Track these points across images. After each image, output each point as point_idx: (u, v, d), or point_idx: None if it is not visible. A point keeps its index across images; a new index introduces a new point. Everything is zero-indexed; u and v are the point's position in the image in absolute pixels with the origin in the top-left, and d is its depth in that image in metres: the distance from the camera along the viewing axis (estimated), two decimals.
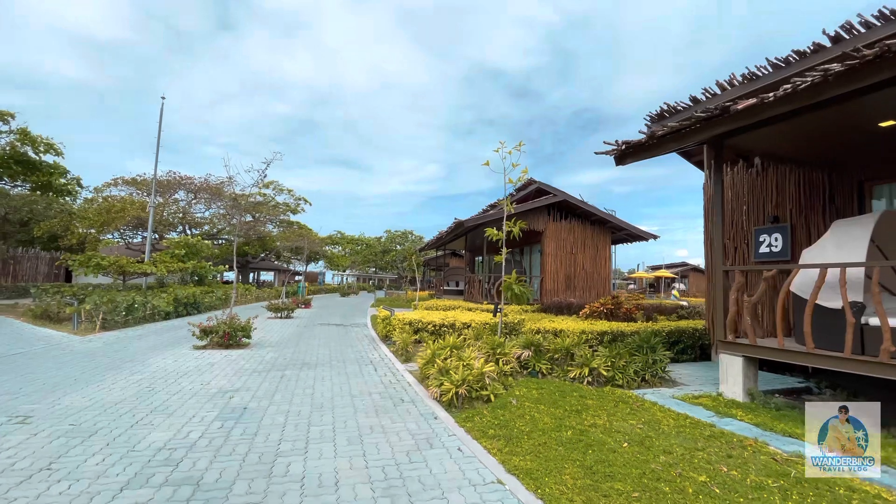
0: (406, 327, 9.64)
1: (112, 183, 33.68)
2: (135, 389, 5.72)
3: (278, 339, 10.86)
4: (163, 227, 34.21)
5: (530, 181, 16.45)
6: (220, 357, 8.17)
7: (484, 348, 6.93)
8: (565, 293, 16.47)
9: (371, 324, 14.89)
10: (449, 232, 16.93)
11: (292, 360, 8.07)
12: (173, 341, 10.06)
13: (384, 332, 10.60)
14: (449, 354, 6.44)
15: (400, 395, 5.65)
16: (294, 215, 45.72)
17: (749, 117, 5.37)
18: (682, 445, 3.90)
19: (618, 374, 6.61)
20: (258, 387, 5.98)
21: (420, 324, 9.72)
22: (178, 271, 22.40)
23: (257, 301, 26.28)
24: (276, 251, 46.55)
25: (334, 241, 63.60)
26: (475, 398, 5.28)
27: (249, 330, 9.57)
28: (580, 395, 5.61)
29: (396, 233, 66.08)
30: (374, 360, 8.16)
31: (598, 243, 17.23)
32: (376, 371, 7.14)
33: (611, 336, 8.41)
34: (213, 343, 9.14)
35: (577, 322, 9.67)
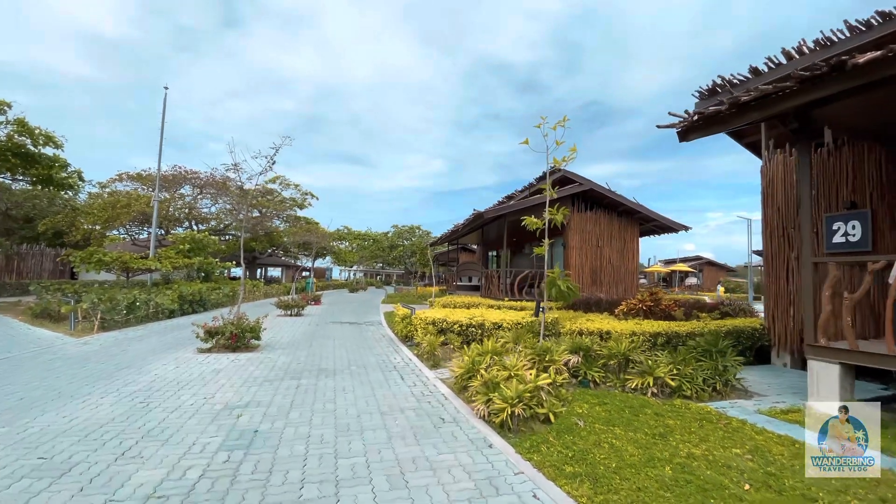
0: (430, 327, 8.75)
1: (117, 178, 33.03)
2: (126, 406, 4.88)
3: (290, 339, 10.02)
4: (168, 223, 33.55)
5: (554, 168, 15.44)
6: (226, 362, 7.33)
7: (526, 353, 6.02)
8: (591, 288, 15.51)
9: (386, 322, 14.04)
10: (466, 224, 16.00)
11: (307, 365, 7.21)
12: (176, 343, 9.25)
13: (405, 332, 9.73)
14: (490, 362, 5.55)
15: (438, 413, 4.75)
16: (301, 210, 44.98)
17: (865, 76, 4.38)
18: (824, 489, 2.98)
19: (685, 383, 5.69)
20: (270, 401, 5.12)
21: (445, 323, 8.83)
22: (184, 267, 21.68)
23: (266, 297, 25.56)
24: (284, 247, 45.89)
25: (341, 237, 62.89)
26: (530, 417, 4.38)
27: (259, 331, 8.73)
28: (655, 413, 4.69)
29: (404, 228, 65.19)
30: (397, 365, 7.28)
31: (626, 235, 16.22)
32: (403, 379, 6.26)
33: (665, 338, 7.47)
34: (219, 346, 8.31)
35: (619, 321, 8.73)
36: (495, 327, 8.47)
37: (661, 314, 11.14)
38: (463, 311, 9.97)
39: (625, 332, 7.44)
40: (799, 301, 7.62)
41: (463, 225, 16.02)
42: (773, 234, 8.50)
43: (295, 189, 44.07)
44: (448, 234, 20.50)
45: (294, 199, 44.50)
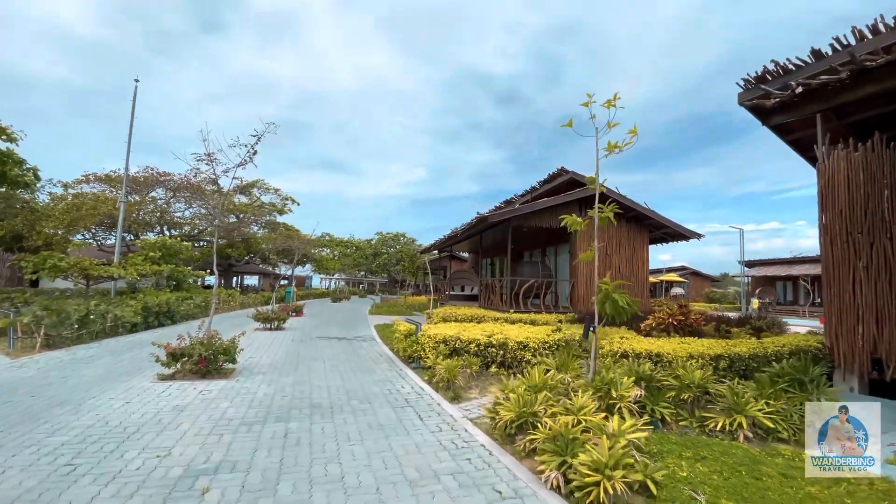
0: (441, 347, 7.41)
1: (83, 179, 30.71)
2: (42, 473, 3.40)
3: (272, 361, 8.52)
4: (139, 227, 31.31)
5: (561, 171, 14.39)
6: (193, 394, 5.83)
7: (582, 387, 4.77)
8: None
9: (380, 336, 12.61)
10: (467, 229, 14.74)
11: (296, 399, 5.78)
12: (133, 367, 7.66)
13: (409, 351, 8.33)
14: (543, 400, 4.27)
15: (488, 480, 3.42)
16: (281, 216, 43.15)
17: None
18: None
19: (780, 422, 4.52)
20: (250, 461, 3.70)
21: (458, 342, 7.50)
22: (152, 275, 19.75)
23: (242, 308, 23.71)
24: (262, 254, 43.77)
25: (323, 244, 60.90)
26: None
27: (234, 352, 7.23)
28: (780, 474, 3.47)
29: (388, 235, 63.58)
30: (409, 397, 5.90)
31: (635, 243, 15.24)
32: (423, 420, 4.90)
33: (727, 361, 6.32)
34: (184, 371, 6.79)
35: (657, 340, 7.55)
36: (520, 347, 7.19)
37: (690, 329, 10.08)
38: (475, 327, 8.67)
39: (679, 355, 6.27)
40: (868, 317, 6.62)
41: (463, 230, 14.77)
42: (834, 240, 7.48)
43: (275, 194, 42.23)
44: (444, 240, 19.20)
45: (273, 204, 42.64)
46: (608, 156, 5.61)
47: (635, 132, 5.31)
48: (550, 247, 16.62)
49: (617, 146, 5.44)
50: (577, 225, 5.76)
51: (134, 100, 20.96)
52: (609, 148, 5.44)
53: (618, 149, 5.48)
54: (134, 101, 20.95)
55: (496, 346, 7.30)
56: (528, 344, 7.17)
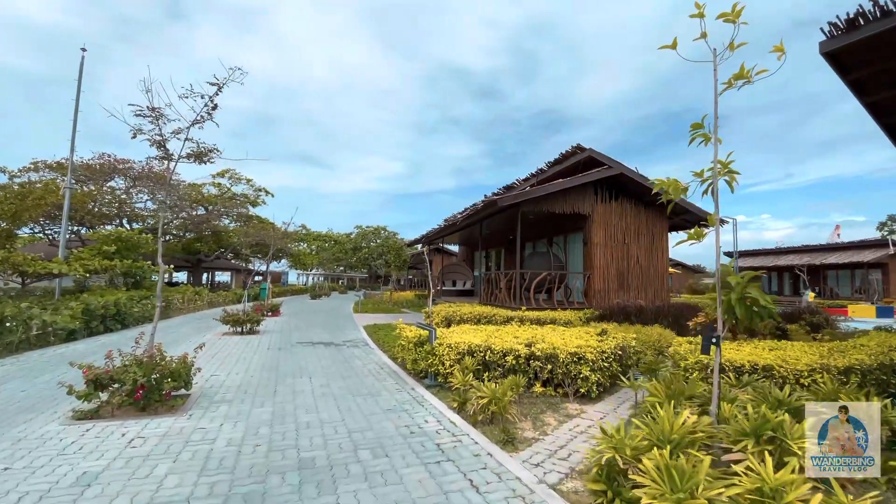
0: (466, 360, 5.64)
1: (31, 167, 27.51)
2: None
3: (241, 381, 6.57)
4: (94, 220, 28.32)
5: (577, 148, 12.75)
6: (116, 448, 3.90)
7: (727, 433, 3.09)
8: (617, 293, 12.93)
9: (372, 340, 10.74)
10: (471, 215, 12.93)
11: (275, 450, 3.92)
12: (44, 396, 5.62)
13: (421, 364, 6.50)
14: (699, 468, 2.56)
15: None
16: (254, 208, 40.49)
17: None
18: None
19: None
20: None
21: (490, 353, 5.74)
22: (103, 271, 17.25)
23: (210, 307, 21.36)
24: (234, 248, 40.95)
25: (299, 238, 58.14)
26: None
27: (188, 373, 5.29)
28: None
29: (368, 229, 61.13)
30: (441, 442, 4.10)
31: (654, 230, 13.79)
32: (479, 492, 3.12)
33: (858, 375, 4.76)
34: (113, 405, 4.82)
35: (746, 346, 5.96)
36: (573, 360, 5.48)
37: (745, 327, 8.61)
38: (502, 332, 6.93)
39: (798, 367, 4.68)
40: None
41: (464, 217, 12.98)
42: None
43: (247, 184, 39.52)
44: (439, 230, 17.35)
45: (246, 195, 39.94)
46: (726, 90, 3.90)
47: (782, 49, 3.62)
48: (559, 235, 15.02)
49: (747, 75, 3.73)
50: (675, 191, 4.02)
51: (81, 71, 18.28)
52: (738, 76, 3.72)
53: (745, 79, 3.78)
54: (81, 72, 18.27)
55: (542, 360, 5.57)
56: (583, 355, 5.46)
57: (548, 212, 12.28)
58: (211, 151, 6.53)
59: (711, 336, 3.80)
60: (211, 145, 6.52)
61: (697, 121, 3.88)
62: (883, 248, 31.10)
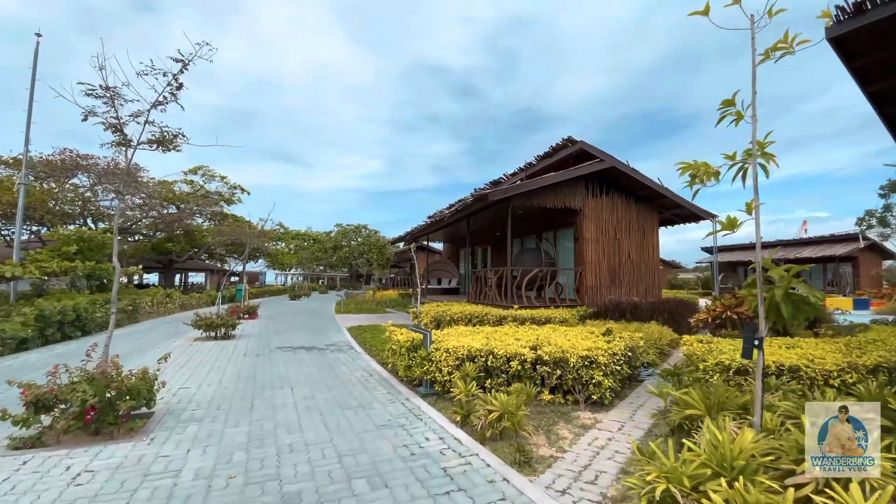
0: (467, 366, 5.12)
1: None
2: None
3: (213, 393, 5.89)
4: (55, 218, 26.63)
5: (568, 141, 12.35)
6: (58, 486, 3.22)
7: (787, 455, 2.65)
8: (609, 289, 12.63)
9: (358, 343, 10.11)
10: (460, 210, 12.36)
11: (252, 483, 3.31)
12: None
13: (417, 371, 5.93)
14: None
15: None
16: (229, 206, 39.09)
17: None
18: None
19: None
20: None
21: (492, 358, 5.23)
22: (63, 273, 16.05)
23: (183, 310, 20.26)
24: (208, 248, 39.43)
25: (277, 237, 56.63)
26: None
27: (150, 389, 4.59)
28: None
29: (349, 227, 60.07)
30: (448, 465, 3.56)
31: (645, 225, 13.54)
32: None
33: (885, 373, 4.42)
34: (58, 431, 4.10)
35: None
36: (585, 364, 5.01)
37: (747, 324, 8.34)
38: (502, 335, 6.44)
39: (823, 368, 4.32)
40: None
41: (452, 212, 12.44)
42: None
43: (221, 181, 38.13)
44: (425, 227, 16.73)
45: (220, 193, 38.53)
46: (764, 62, 3.47)
47: (829, 15, 3.20)
48: (549, 231, 14.64)
49: (790, 43, 3.29)
50: (706, 174, 3.60)
51: (35, 59, 16.94)
52: (777, 46, 3.29)
53: (787, 49, 3.35)
54: (35, 60, 16.94)
55: (550, 364, 5.09)
56: (595, 359, 5.00)
57: (539, 206, 11.86)
58: (176, 137, 5.81)
59: (753, 337, 3.36)
60: (176, 129, 5.81)
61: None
62: (853, 243, 31.97)
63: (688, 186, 3.89)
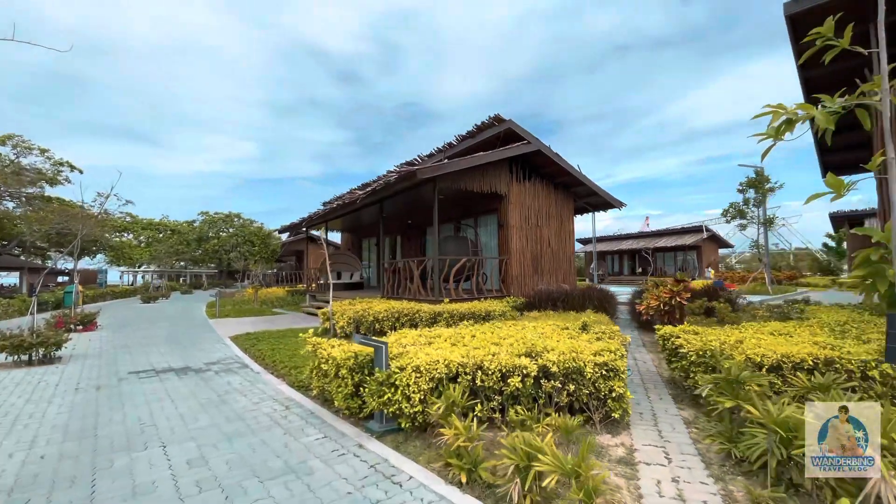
0: (452, 390, 3.61)
1: None
2: None
3: (16, 477, 3.43)
4: None
5: (495, 119, 11.31)
6: None
7: None
8: (532, 278, 12.09)
9: (251, 356, 7.78)
10: (379, 189, 10.36)
11: None
12: None
13: (371, 402, 4.13)
14: None
15: None
16: (52, 187, 30.99)
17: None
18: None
19: None
20: None
21: (483, 376, 3.80)
22: None
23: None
24: (24, 240, 30.55)
25: (123, 226, 47.08)
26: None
27: None
28: None
29: (217, 216, 52.61)
30: None
31: (563, 213, 13.29)
32: None
33: None
34: None
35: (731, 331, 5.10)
36: (601, 374, 3.86)
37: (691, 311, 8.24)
38: (481, 341, 5.02)
39: (859, 359, 3.82)
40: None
41: (367, 193, 10.53)
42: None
43: (42, 156, 30.06)
44: (327, 212, 14.28)
45: (41, 170, 30.40)
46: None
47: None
48: (469, 218, 13.60)
49: None
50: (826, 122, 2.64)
51: None
52: None
53: None
54: None
55: (560, 378, 3.84)
56: (614, 366, 3.89)
57: (464, 189, 10.66)
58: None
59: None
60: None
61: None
62: (698, 234, 37.67)
63: (766, 137, 2.92)
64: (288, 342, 8.72)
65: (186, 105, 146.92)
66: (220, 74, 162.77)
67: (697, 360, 4.39)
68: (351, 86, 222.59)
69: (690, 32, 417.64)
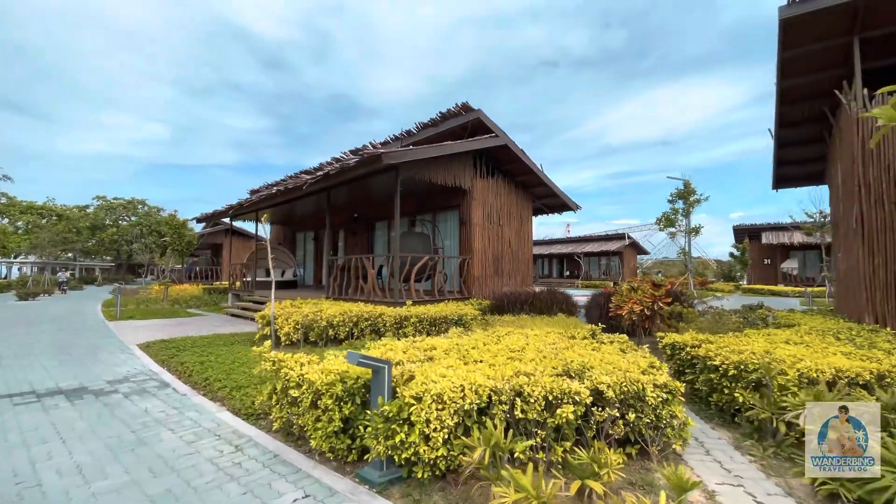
0: (490, 429, 2.70)
1: None
2: None
3: None
4: None
5: (463, 107, 10.48)
6: None
7: None
8: (493, 279, 11.49)
9: (167, 369, 6.21)
10: (333, 174, 9.02)
11: None
12: None
13: (370, 443, 3.06)
14: None
15: None
16: None
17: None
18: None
19: None
20: None
21: (523, 405, 2.94)
22: None
23: None
24: None
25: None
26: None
27: None
28: None
29: (117, 202, 46.25)
30: None
31: (522, 213, 12.84)
32: None
33: None
34: None
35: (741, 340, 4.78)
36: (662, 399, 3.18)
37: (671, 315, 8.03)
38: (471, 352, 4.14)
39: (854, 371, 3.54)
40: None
41: (317, 178, 9.17)
42: (878, 202, 6.27)
43: None
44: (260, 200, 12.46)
45: None
46: None
47: None
48: (426, 213, 12.65)
49: None
50: None
51: None
52: None
53: None
54: None
55: (616, 404, 3.09)
56: (672, 388, 3.24)
57: (429, 181, 9.72)
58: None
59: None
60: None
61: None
62: (621, 241, 40.03)
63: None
64: (219, 352, 7.16)
65: (82, 76, 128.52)
66: (126, 47, 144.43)
67: (735, 374, 3.91)
68: (277, 72, 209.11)
69: (608, 56, 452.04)
